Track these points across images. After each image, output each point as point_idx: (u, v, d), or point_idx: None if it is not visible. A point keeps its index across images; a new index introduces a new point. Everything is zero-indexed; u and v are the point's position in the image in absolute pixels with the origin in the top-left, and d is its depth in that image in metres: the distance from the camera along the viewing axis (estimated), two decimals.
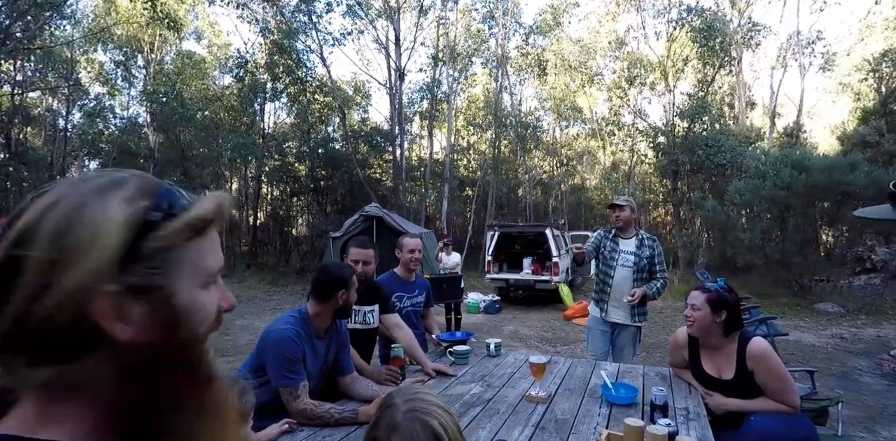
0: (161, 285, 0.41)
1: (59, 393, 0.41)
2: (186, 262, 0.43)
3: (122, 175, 0.44)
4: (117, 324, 0.39)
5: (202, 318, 0.45)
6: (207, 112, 17.77)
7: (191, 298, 0.44)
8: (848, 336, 6.68)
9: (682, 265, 13.65)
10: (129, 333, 0.39)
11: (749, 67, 18.74)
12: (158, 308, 0.41)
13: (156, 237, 0.40)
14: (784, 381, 1.89)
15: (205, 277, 0.46)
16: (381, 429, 0.87)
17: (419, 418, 0.85)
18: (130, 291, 0.39)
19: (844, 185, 9.03)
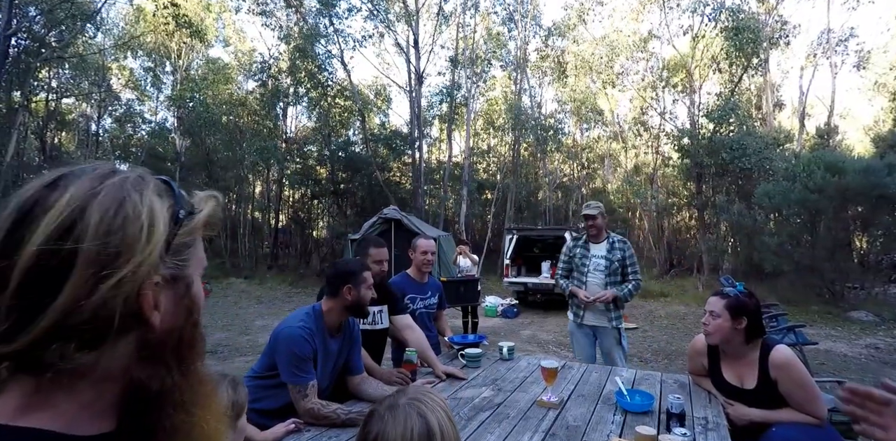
0: (184, 276, 0.47)
1: (51, 383, 0.41)
2: (195, 255, 0.49)
3: (137, 172, 0.47)
4: (154, 311, 0.43)
5: (202, 304, 0.51)
6: (231, 116, 18.19)
7: (198, 287, 0.50)
8: (883, 346, 6.38)
9: (706, 270, 13.30)
10: (157, 318, 0.44)
11: (777, 67, 18.23)
12: (182, 296, 0.47)
13: (184, 232, 0.46)
14: (809, 390, 1.79)
15: (203, 268, 0.51)
16: (382, 406, 0.87)
17: (419, 409, 0.84)
18: (165, 281, 0.44)
19: (881, 188, 8.66)
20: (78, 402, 0.42)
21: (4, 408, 0.40)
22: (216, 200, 0.51)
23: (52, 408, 0.41)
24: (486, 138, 23.08)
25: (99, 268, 0.38)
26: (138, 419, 0.45)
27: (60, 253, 0.38)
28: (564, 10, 19.15)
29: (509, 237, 10.29)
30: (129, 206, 0.41)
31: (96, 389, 0.43)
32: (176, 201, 0.46)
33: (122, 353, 0.43)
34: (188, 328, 0.48)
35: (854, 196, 9.12)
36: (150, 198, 0.43)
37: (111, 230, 0.39)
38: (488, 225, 18.48)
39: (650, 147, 19.52)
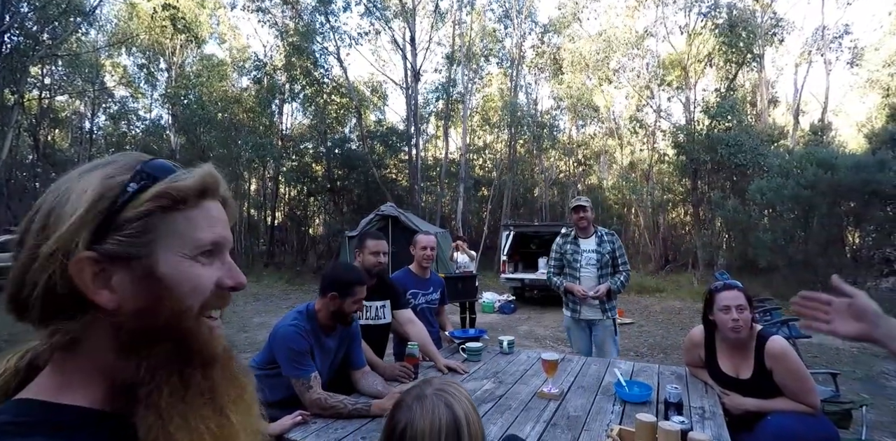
0: (140, 255, 0.43)
1: (72, 361, 0.44)
2: (171, 233, 0.44)
3: (116, 156, 0.47)
4: (101, 291, 0.41)
5: (190, 290, 0.45)
6: (227, 113, 18.12)
7: (176, 269, 0.44)
8: None
9: (701, 266, 13.41)
10: (113, 301, 0.42)
11: (771, 64, 18.31)
12: (140, 277, 0.43)
13: (129, 207, 0.42)
14: (804, 380, 1.84)
15: (194, 249, 0.45)
16: (409, 396, 0.90)
17: (446, 400, 0.87)
18: (108, 259, 0.41)
19: (873, 184, 8.75)
20: (100, 382, 0.44)
21: (47, 383, 0.44)
22: (199, 173, 0.46)
23: (81, 386, 0.44)
24: (483, 135, 23.09)
25: (34, 243, 0.41)
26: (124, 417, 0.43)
27: (25, 232, 0.43)
28: (559, 9, 19.18)
29: (506, 233, 10.33)
30: (65, 186, 0.43)
31: (100, 373, 0.44)
32: (131, 177, 0.43)
33: (100, 337, 0.43)
34: (162, 316, 0.43)
35: (846, 192, 9.22)
36: (91, 178, 0.43)
37: (49, 210, 0.42)
38: (485, 222, 18.53)
39: (646, 144, 19.61)
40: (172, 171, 0.46)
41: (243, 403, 0.50)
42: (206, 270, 0.46)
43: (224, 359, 0.49)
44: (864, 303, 0.89)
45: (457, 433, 0.83)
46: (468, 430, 0.84)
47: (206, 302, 0.46)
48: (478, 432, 0.86)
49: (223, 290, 0.48)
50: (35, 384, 0.44)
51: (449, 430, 0.83)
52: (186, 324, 0.45)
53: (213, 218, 0.48)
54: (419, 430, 0.82)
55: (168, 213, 0.44)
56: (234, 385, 0.49)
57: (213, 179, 0.47)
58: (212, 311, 0.48)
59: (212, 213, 0.48)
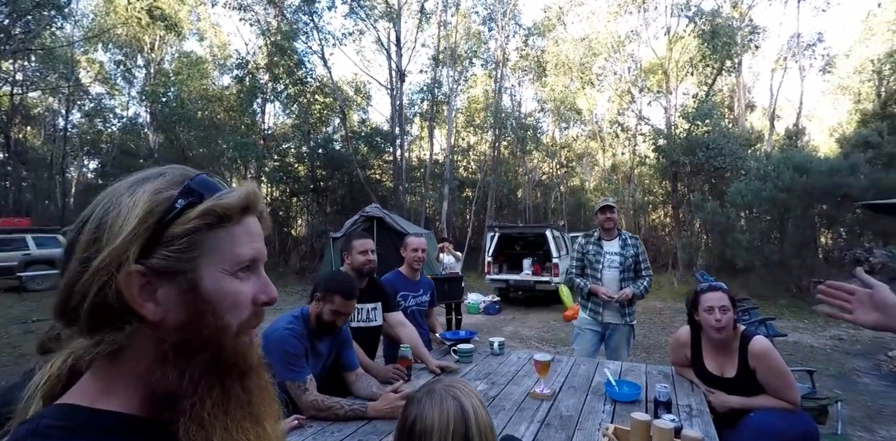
0: (185, 270, 0.44)
1: (113, 368, 0.45)
2: (214, 249, 0.45)
3: (165, 169, 0.48)
4: (146, 303, 0.43)
5: (230, 306, 0.46)
6: (207, 112, 17.82)
7: (217, 285, 0.45)
8: (846, 337, 6.71)
9: (681, 267, 13.68)
10: (158, 314, 0.43)
11: (748, 70, 18.82)
12: (184, 291, 0.44)
13: (177, 223, 0.43)
14: (785, 378, 1.91)
15: (235, 265, 0.47)
16: (420, 392, 0.94)
17: (454, 393, 0.90)
18: (155, 273, 0.43)
19: (845, 188, 9.08)
20: (137, 390, 0.45)
21: (87, 389, 0.45)
22: (242, 190, 0.48)
23: (120, 393, 0.45)
24: (467, 136, 23.18)
25: (85, 255, 0.42)
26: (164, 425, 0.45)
27: (73, 242, 0.44)
28: (544, 12, 19.38)
29: (491, 235, 10.39)
30: (116, 201, 0.44)
31: (140, 382, 0.45)
32: (179, 193, 0.44)
33: (142, 347, 0.44)
34: (204, 331, 0.44)
35: (820, 195, 9.54)
36: (141, 192, 0.44)
37: (99, 223, 0.43)
38: (469, 223, 18.59)
39: (627, 146, 19.93)
40: (217, 188, 0.48)
41: (274, 411, 0.52)
42: (245, 286, 0.48)
43: (258, 369, 0.50)
44: (884, 294, 0.94)
45: (465, 425, 0.86)
46: (476, 423, 0.87)
47: (245, 318, 0.48)
48: (486, 425, 0.88)
49: (258, 306, 0.49)
50: (76, 389, 0.45)
51: (457, 421, 0.85)
52: (226, 339, 0.46)
53: (253, 234, 0.49)
54: (429, 422, 0.85)
55: (213, 230, 0.45)
56: (266, 394, 0.51)
57: (255, 197, 0.49)
58: (248, 327, 0.49)
59: (252, 229, 0.49)
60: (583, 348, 3.32)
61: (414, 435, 0.86)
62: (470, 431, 0.85)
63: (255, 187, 0.49)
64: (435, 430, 0.84)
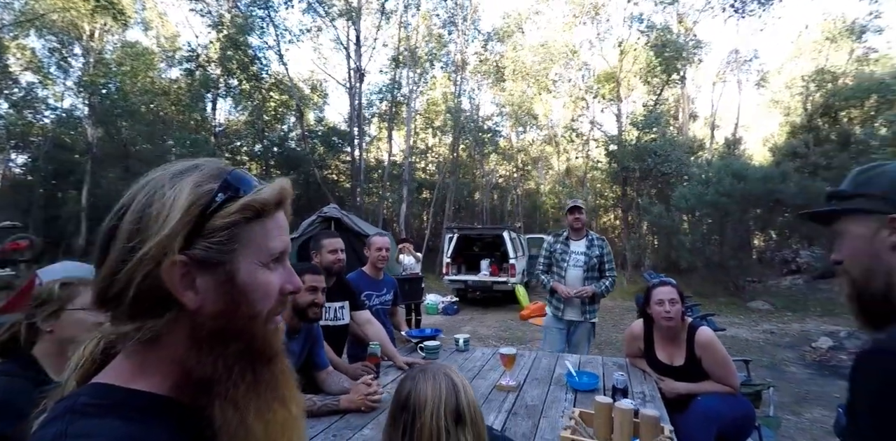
0: (223, 261, 0.46)
1: (148, 352, 0.47)
2: (250, 242, 0.48)
3: (200, 162, 0.50)
4: (187, 292, 0.45)
5: (262, 296, 0.49)
6: (153, 106, 16.93)
7: (252, 276, 0.48)
8: (776, 331, 7.28)
9: (629, 267, 14.33)
10: (196, 302, 0.45)
11: (692, 82, 20.01)
12: (222, 282, 0.46)
13: (218, 216, 0.45)
14: (727, 365, 2.10)
15: (267, 257, 0.49)
16: (413, 371, 1.01)
17: (446, 372, 0.98)
18: (196, 263, 0.45)
19: (777, 194, 9.84)
20: (170, 373, 0.47)
21: (122, 370, 0.47)
22: (277, 186, 0.50)
23: (154, 375, 0.47)
24: (426, 138, 23.27)
25: (127, 244, 0.43)
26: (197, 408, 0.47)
27: (114, 228, 0.45)
28: (503, 19, 19.81)
29: (449, 236, 10.50)
30: (159, 192, 0.45)
31: (174, 366, 0.47)
32: (219, 187, 0.46)
33: (178, 333, 0.46)
34: (238, 319, 0.47)
35: (755, 200, 10.29)
36: (182, 184, 0.45)
37: (142, 213, 0.44)
38: (427, 224, 18.64)
39: (581, 151, 20.66)
40: (251, 182, 0.50)
41: (295, 395, 0.55)
42: (274, 277, 0.50)
43: (281, 355, 0.53)
44: None
45: (455, 397, 0.93)
46: (466, 396, 0.95)
47: (273, 307, 0.51)
48: (474, 399, 0.96)
49: (284, 296, 0.52)
50: (111, 369, 0.47)
51: (449, 394, 0.93)
52: (257, 326, 0.49)
53: (282, 227, 0.51)
54: (423, 395, 0.92)
55: (249, 224, 0.47)
56: (289, 379, 0.54)
57: (288, 192, 0.51)
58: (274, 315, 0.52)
59: (281, 222, 0.51)
60: (551, 346, 3.44)
61: (409, 407, 0.92)
62: (460, 403, 0.93)
63: (289, 183, 0.52)
64: (429, 402, 0.91)
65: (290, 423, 0.52)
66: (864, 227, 0.72)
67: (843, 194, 0.76)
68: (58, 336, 1.22)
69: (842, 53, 17.31)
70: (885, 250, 0.69)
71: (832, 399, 4.13)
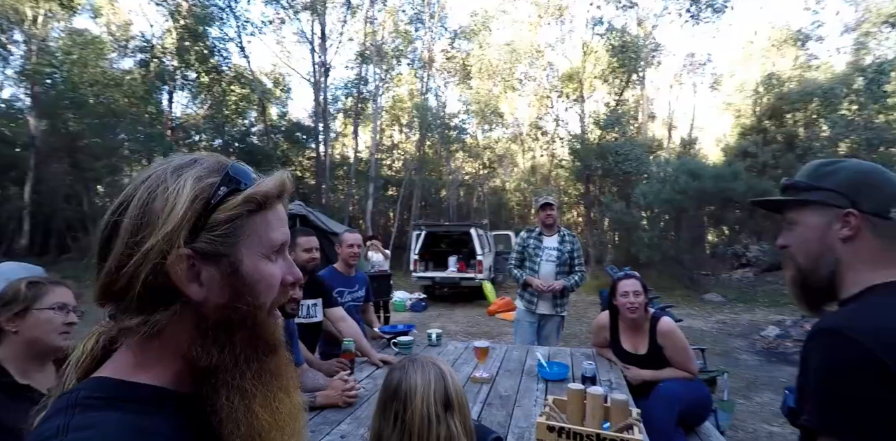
0: (227, 253, 0.46)
1: (149, 345, 0.47)
2: (252, 234, 0.48)
3: (199, 156, 0.51)
4: (192, 284, 0.45)
5: (265, 287, 0.49)
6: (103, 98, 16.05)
7: (255, 267, 0.48)
8: (728, 321, 7.70)
9: (592, 262, 14.75)
10: (201, 294, 0.46)
11: (651, 83, 20.73)
12: (226, 274, 0.47)
13: (221, 209, 0.46)
14: (686, 352, 2.23)
15: (269, 249, 0.50)
16: (402, 362, 1.04)
17: (434, 361, 1.03)
18: (200, 256, 0.45)
19: (728, 191, 10.37)
20: (170, 365, 0.47)
21: (122, 364, 0.47)
22: (278, 178, 0.50)
23: (155, 367, 0.47)
24: (392, 134, 23.13)
25: (132, 238, 0.43)
26: (202, 397, 0.48)
27: (116, 223, 0.45)
28: (471, 17, 19.92)
29: (417, 233, 10.51)
30: (162, 186, 0.45)
31: (176, 357, 0.47)
32: (221, 180, 0.47)
33: (182, 325, 0.46)
34: (242, 310, 0.47)
35: (709, 198, 10.82)
36: (185, 178, 0.45)
37: (145, 208, 0.44)
38: (394, 221, 18.56)
39: (545, 149, 21.06)
40: (251, 175, 0.50)
41: (297, 384, 0.57)
42: (276, 268, 0.51)
43: (282, 345, 0.54)
44: None
45: (444, 384, 0.97)
46: (453, 383, 0.99)
47: (275, 298, 0.51)
48: (460, 387, 1.01)
49: (285, 286, 0.53)
50: (111, 364, 0.48)
51: (437, 381, 0.97)
52: (261, 316, 0.49)
53: (282, 219, 0.52)
54: (413, 382, 0.96)
55: (252, 216, 0.48)
56: (291, 368, 0.55)
57: (288, 184, 0.52)
58: (276, 306, 0.53)
59: (282, 214, 0.52)
60: (522, 339, 3.51)
61: (399, 394, 0.96)
62: (448, 389, 0.97)
63: (289, 175, 0.52)
64: (419, 389, 0.95)
65: (293, 411, 0.53)
66: (817, 219, 0.78)
67: (800, 186, 0.81)
68: (24, 337, 1.18)
69: (787, 60, 18.34)
70: (835, 242, 0.76)
71: (779, 383, 4.42)
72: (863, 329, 0.63)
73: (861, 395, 0.59)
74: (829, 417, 0.62)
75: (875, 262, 0.74)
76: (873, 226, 0.74)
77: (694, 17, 16.73)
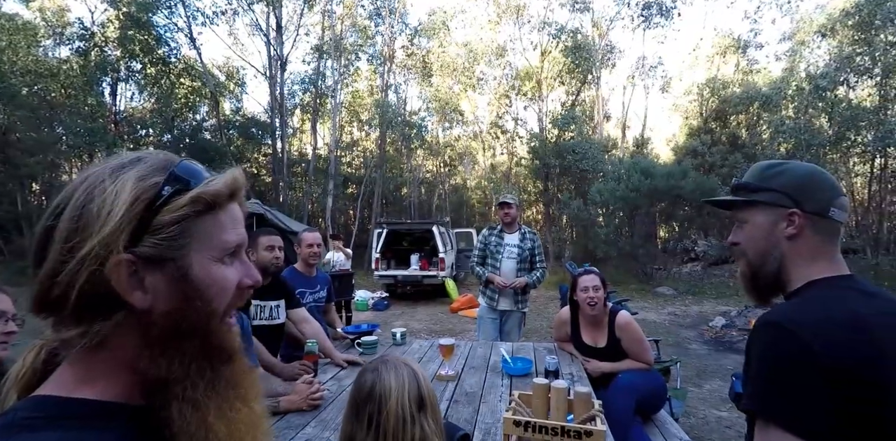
0: (174, 257, 0.43)
1: (92, 357, 0.44)
2: (202, 236, 0.45)
3: (144, 154, 0.47)
4: (135, 292, 0.42)
5: (217, 292, 0.46)
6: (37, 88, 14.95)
7: (205, 272, 0.45)
8: (679, 313, 8.08)
9: (551, 258, 15.10)
10: (146, 301, 0.43)
11: (606, 84, 21.38)
12: (173, 279, 0.44)
13: (165, 211, 0.43)
14: (643, 343, 2.33)
15: (221, 251, 0.47)
16: (373, 363, 1.04)
17: (405, 362, 1.03)
18: (144, 261, 0.42)
19: (678, 189, 10.86)
20: (118, 378, 0.44)
21: (64, 379, 0.44)
22: (229, 176, 0.48)
23: (99, 381, 0.44)
24: (351, 131, 22.78)
25: (67, 244, 0.40)
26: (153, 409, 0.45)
27: (50, 229, 0.42)
28: (429, 16, 19.85)
29: (378, 231, 10.42)
30: (100, 187, 0.42)
31: (123, 369, 0.44)
32: (165, 180, 0.44)
33: (127, 335, 0.43)
34: (193, 317, 0.45)
35: (660, 195, 11.30)
36: (125, 178, 0.43)
37: (81, 211, 0.41)
38: (354, 219, 18.32)
39: (505, 148, 21.34)
40: (201, 174, 0.47)
41: (257, 393, 0.54)
42: (230, 271, 0.48)
43: (240, 352, 0.52)
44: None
45: (417, 384, 0.98)
46: (426, 383, 1.01)
47: (230, 303, 0.49)
48: (431, 387, 1.02)
49: (242, 290, 0.50)
50: (52, 381, 0.44)
51: (411, 381, 0.98)
52: (214, 323, 0.47)
53: (237, 220, 0.49)
54: (387, 384, 0.96)
55: (201, 217, 0.45)
56: (250, 376, 0.52)
57: (241, 183, 0.49)
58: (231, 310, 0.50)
59: (236, 215, 0.49)
60: (486, 336, 3.55)
61: (374, 396, 0.95)
62: (422, 390, 0.98)
63: (241, 173, 0.50)
64: (394, 390, 0.95)
65: (253, 421, 0.50)
66: (765, 218, 0.84)
67: (749, 187, 0.87)
68: None
69: (730, 65, 19.39)
70: (781, 239, 0.82)
71: (727, 371, 4.69)
72: (802, 323, 0.68)
73: (797, 383, 0.64)
74: (767, 403, 0.67)
75: (814, 258, 0.80)
76: (814, 224, 0.80)
77: (645, 20, 17.39)
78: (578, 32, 16.32)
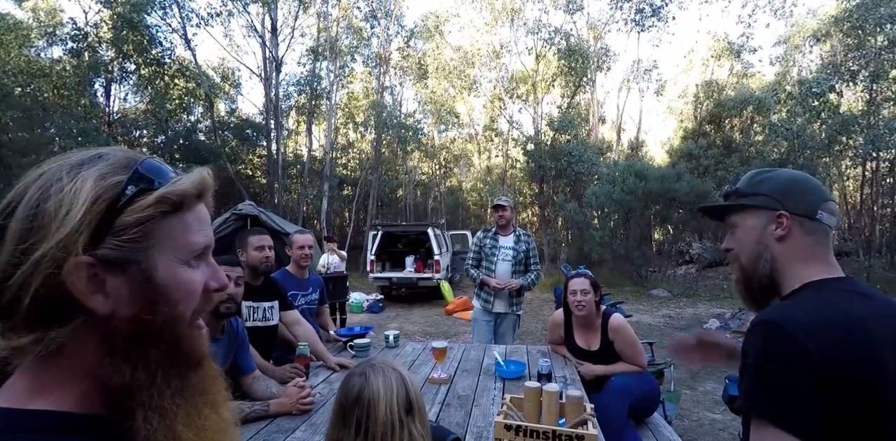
0: (137, 260, 0.41)
1: (47, 366, 0.41)
2: (167, 238, 0.43)
3: (105, 151, 0.45)
4: (95, 295, 0.40)
5: (183, 296, 0.45)
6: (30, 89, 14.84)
7: (170, 274, 0.44)
8: (674, 315, 8.10)
9: (546, 260, 15.12)
10: (107, 306, 0.40)
11: (601, 87, 21.50)
12: (136, 282, 0.42)
13: (128, 211, 0.41)
14: (636, 346, 2.32)
15: (188, 254, 0.45)
16: (360, 368, 1.03)
17: (393, 366, 1.02)
18: (104, 264, 0.40)
19: (673, 192, 10.91)
20: (76, 387, 0.42)
21: (16, 390, 0.41)
22: (196, 176, 0.46)
23: (56, 390, 0.42)
24: (346, 133, 22.75)
25: (20, 245, 0.38)
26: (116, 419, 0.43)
27: (1, 230, 0.39)
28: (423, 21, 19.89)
29: (373, 233, 10.40)
30: (56, 185, 0.39)
31: (81, 377, 0.42)
32: (129, 178, 0.41)
33: (86, 341, 0.41)
34: (158, 322, 0.43)
35: (655, 198, 11.34)
36: (84, 176, 0.40)
37: (36, 210, 0.39)
38: (349, 221, 18.26)
39: (501, 150, 21.37)
40: (167, 173, 0.45)
41: (225, 399, 0.52)
42: (197, 274, 0.47)
43: (208, 357, 0.50)
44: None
45: (405, 388, 0.98)
46: (413, 387, 1.00)
47: (197, 307, 0.47)
48: (419, 391, 1.02)
49: (209, 293, 0.49)
50: (3, 391, 0.42)
51: (399, 386, 0.97)
52: (181, 328, 0.45)
53: (203, 221, 0.48)
54: (375, 388, 0.95)
55: (166, 218, 0.43)
56: (218, 382, 0.51)
57: (209, 183, 0.48)
58: (199, 315, 0.48)
59: (203, 216, 0.48)
60: (480, 338, 3.54)
61: (362, 401, 0.94)
62: (410, 394, 0.97)
63: (208, 173, 0.48)
64: (382, 395, 0.94)
65: (222, 428, 0.49)
66: (754, 221, 0.86)
67: (739, 192, 0.89)
68: None
69: (725, 69, 19.52)
70: (771, 241, 0.83)
71: (720, 373, 4.69)
72: (798, 322, 0.68)
73: (790, 383, 0.65)
74: (761, 401, 0.67)
75: (807, 260, 0.81)
76: (802, 226, 0.81)
77: (638, 24, 17.49)
78: (573, 36, 16.39)
